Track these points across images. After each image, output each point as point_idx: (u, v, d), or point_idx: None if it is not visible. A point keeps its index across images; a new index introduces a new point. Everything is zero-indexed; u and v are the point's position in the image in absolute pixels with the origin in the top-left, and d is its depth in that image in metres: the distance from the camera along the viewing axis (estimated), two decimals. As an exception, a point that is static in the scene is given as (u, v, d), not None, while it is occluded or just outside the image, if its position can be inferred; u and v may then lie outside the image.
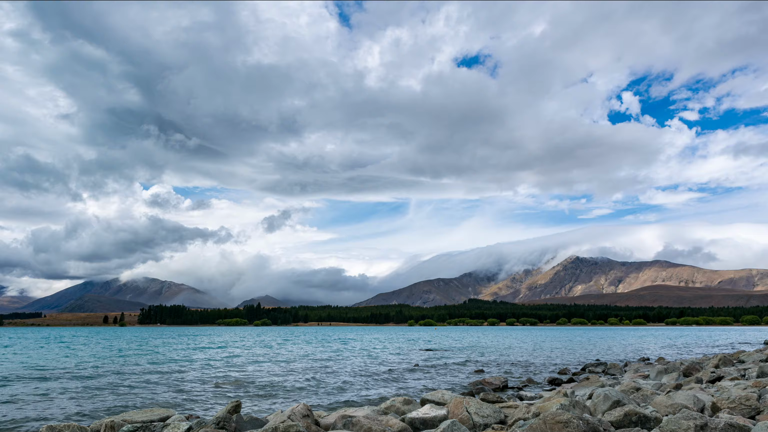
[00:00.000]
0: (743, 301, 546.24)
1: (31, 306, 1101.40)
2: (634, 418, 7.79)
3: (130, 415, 9.23)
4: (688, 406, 8.78)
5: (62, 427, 8.14)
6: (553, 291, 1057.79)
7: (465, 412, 8.89)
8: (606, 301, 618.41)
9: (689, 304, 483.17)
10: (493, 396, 12.41)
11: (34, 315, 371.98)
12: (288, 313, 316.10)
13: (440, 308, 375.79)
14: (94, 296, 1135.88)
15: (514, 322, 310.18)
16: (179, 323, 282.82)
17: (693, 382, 14.10)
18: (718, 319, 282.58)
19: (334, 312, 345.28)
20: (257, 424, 8.72)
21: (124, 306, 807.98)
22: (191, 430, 7.97)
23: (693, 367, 17.32)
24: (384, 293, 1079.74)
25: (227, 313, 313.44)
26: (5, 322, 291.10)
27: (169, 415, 9.27)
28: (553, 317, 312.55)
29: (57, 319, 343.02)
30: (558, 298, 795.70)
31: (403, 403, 10.46)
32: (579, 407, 8.26)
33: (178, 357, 31.57)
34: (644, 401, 10.21)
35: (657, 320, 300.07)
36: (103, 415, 12.03)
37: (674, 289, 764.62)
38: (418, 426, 8.68)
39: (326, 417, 9.42)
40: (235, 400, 9.07)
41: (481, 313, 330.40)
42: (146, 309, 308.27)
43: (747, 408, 8.45)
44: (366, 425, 8.16)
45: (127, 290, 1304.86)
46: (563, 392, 13.19)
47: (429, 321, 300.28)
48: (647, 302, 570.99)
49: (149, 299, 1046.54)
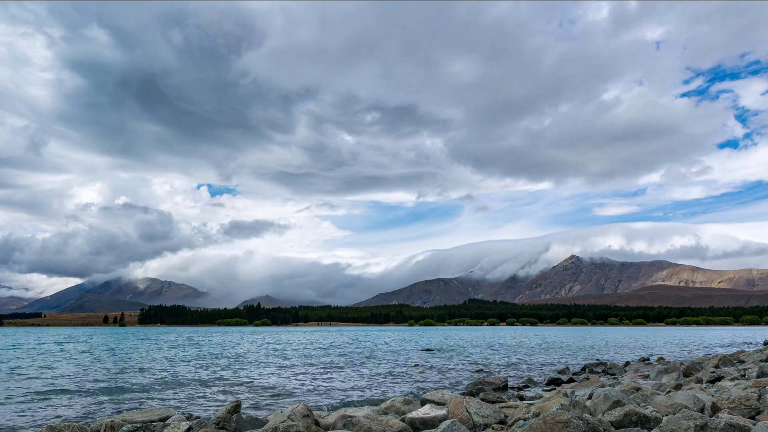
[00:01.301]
0: (743, 301, 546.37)
1: (31, 306, 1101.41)
2: (634, 418, 7.79)
3: (130, 415, 9.23)
4: (688, 406, 8.78)
5: (62, 427, 8.14)
6: (553, 291, 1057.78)
7: (465, 412, 8.88)
8: (606, 301, 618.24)
9: (689, 304, 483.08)
10: (493, 396, 12.40)
11: (34, 315, 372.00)
12: (288, 313, 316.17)
13: (440, 308, 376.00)
14: (94, 296, 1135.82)
15: (514, 322, 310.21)
16: (179, 323, 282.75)
17: (693, 382, 14.09)
18: (718, 319, 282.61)
19: (334, 312, 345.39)
20: (257, 424, 8.72)
21: (124, 306, 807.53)
22: (191, 430, 7.97)
23: (693, 367, 17.31)
24: (384, 293, 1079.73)
25: (227, 313, 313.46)
26: (5, 322, 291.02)
27: (169, 415, 9.27)
28: (553, 317, 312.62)
29: (57, 319, 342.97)
30: (558, 298, 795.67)
31: (403, 403, 10.46)
32: (579, 407, 8.26)
33: (177, 357, 31.57)
34: (644, 401, 10.21)
35: (657, 320, 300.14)
36: (103, 415, 12.03)
37: (674, 289, 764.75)
38: (418, 426, 8.68)
39: (326, 417, 9.42)
40: (235, 400, 9.07)
41: (481, 313, 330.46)
42: (146, 309, 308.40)
43: (747, 408, 8.45)
44: (366, 425, 8.16)
45: (127, 290, 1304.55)
46: (563, 392, 13.20)
47: (429, 321, 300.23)
48: (647, 302, 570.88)
49: (149, 299, 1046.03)
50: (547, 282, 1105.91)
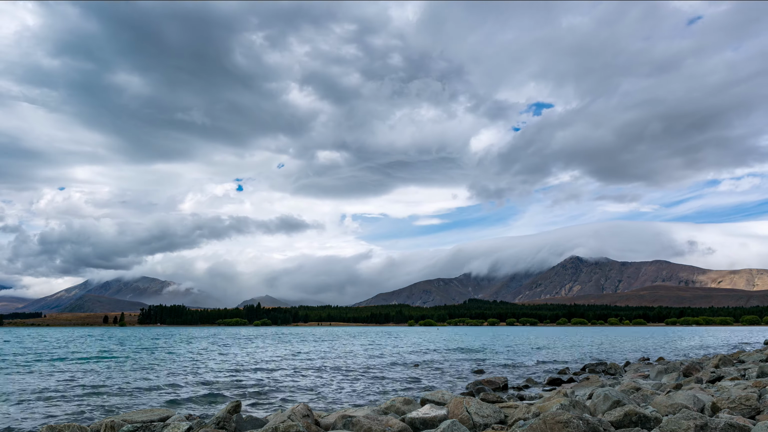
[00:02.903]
0: (743, 301, 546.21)
1: (31, 306, 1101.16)
2: (634, 418, 7.79)
3: (130, 415, 9.24)
4: (688, 406, 8.78)
5: (62, 427, 8.14)
6: (553, 291, 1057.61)
7: (465, 412, 8.88)
8: (606, 301, 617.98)
9: (689, 304, 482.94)
10: (493, 396, 12.40)
11: (34, 315, 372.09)
12: (288, 313, 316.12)
13: (440, 308, 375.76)
14: (94, 296, 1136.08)
15: (514, 322, 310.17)
16: (179, 323, 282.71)
17: (693, 382, 14.09)
18: (718, 319, 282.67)
19: (334, 312, 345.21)
20: (257, 424, 8.72)
21: (124, 306, 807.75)
22: (191, 430, 7.97)
23: (693, 367, 17.30)
24: (384, 293, 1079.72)
25: (227, 313, 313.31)
26: (5, 322, 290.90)
27: (169, 415, 9.28)
28: (553, 317, 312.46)
29: (57, 319, 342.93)
30: (558, 298, 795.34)
31: (403, 403, 10.46)
32: (579, 407, 8.27)
33: (177, 357, 31.56)
34: (644, 401, 10.22)
35: (657, 320, 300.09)
36: (103, 415, 12.03)
37: (674, 289, 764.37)
38: (418, 426, 8.68)
39: (326, 417, 9.42)
40: (235, 400, 9.08)
41: (481, 313, 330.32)
42: (146, 309, 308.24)
43: (747, 408, 8.45)
44: (366, 425, 8.16)
45: (127, 290, 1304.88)
46: (563, 392, 13.20)
47: (429, 321, 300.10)
48: (647, 302, 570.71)
49: (149, 299, 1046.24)
50: (547, 282, 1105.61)
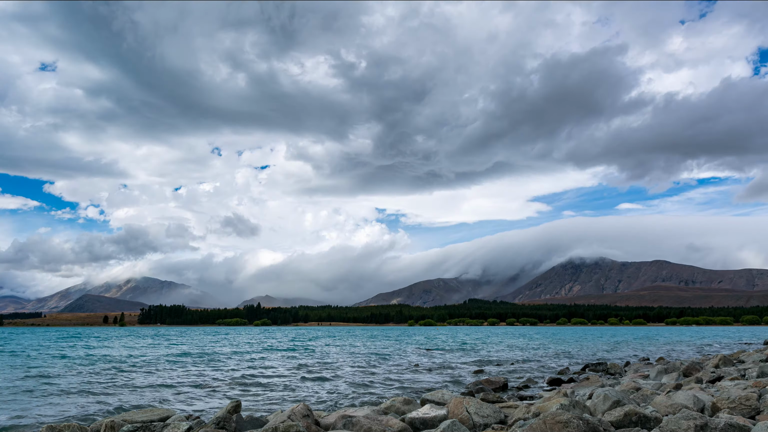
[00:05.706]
0: (743, 301, 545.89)
1: (31, 306, 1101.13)
2: (634, 418, 7.79)
3: (130, 415, 9.24)
4: (688, 406, 8.78)
5: (62, 427, 8.14)
6: (553, 291, 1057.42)
7: (465, 412, 8.88)
8: (606, 301, 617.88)
9: (689, 304, 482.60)
10: (493, 396, 12.40)
11: (34, 315, 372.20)
12: (288, 313, 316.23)
13: (440, 308, 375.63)
14: (94, 296, 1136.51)
15: (514, 322, 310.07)
16: (179, 323, 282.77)
17: (693, 382, 14.09)
18: (718, 319, 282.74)
19: (334, 312, 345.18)
20: (257, 424, 8.73)
21: (124, 306, 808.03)
22: (191, 430, 7.97)
23: (693, 367, 17.30)
24: (384, 293, 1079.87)
25: (227, 313, 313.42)
26: (5, 322, 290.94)
27: (169, 415, 9.28)
28: (553, 317, 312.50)
29: (57, 319, 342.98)
30: (558, 298, 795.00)
31: (403, 403, 10.46)
32: (579, 407, 8.26)
33: (177, 357, 31.55)
34: (644, 401, 10.22)
35: (657, 320, 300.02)
36: (103, 415, 12.03)
37: (674, 289, 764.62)
38: (418, 426, 8.68)
39: (326, 417, 9.41)
40: (235, 400, 9.08)
41: (481, 313, 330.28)
42: (146, 309, 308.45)
43: (747, 408, 8.45)
44: (366, 425, 8.16)
45: (127, 290, 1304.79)
46: (563, 392, 13.19)
47: (429, 321, 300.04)
48: (647, 302, 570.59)
49: (149, 299, 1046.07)
50: (547, 282, 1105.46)
